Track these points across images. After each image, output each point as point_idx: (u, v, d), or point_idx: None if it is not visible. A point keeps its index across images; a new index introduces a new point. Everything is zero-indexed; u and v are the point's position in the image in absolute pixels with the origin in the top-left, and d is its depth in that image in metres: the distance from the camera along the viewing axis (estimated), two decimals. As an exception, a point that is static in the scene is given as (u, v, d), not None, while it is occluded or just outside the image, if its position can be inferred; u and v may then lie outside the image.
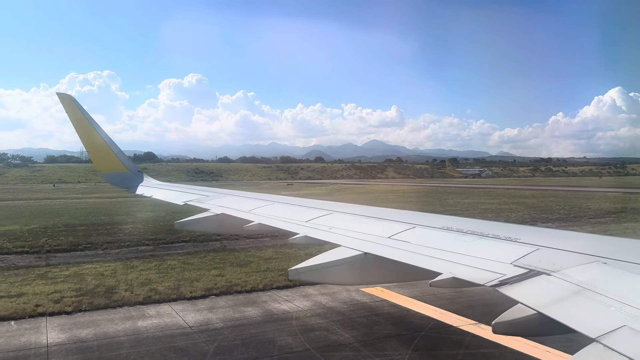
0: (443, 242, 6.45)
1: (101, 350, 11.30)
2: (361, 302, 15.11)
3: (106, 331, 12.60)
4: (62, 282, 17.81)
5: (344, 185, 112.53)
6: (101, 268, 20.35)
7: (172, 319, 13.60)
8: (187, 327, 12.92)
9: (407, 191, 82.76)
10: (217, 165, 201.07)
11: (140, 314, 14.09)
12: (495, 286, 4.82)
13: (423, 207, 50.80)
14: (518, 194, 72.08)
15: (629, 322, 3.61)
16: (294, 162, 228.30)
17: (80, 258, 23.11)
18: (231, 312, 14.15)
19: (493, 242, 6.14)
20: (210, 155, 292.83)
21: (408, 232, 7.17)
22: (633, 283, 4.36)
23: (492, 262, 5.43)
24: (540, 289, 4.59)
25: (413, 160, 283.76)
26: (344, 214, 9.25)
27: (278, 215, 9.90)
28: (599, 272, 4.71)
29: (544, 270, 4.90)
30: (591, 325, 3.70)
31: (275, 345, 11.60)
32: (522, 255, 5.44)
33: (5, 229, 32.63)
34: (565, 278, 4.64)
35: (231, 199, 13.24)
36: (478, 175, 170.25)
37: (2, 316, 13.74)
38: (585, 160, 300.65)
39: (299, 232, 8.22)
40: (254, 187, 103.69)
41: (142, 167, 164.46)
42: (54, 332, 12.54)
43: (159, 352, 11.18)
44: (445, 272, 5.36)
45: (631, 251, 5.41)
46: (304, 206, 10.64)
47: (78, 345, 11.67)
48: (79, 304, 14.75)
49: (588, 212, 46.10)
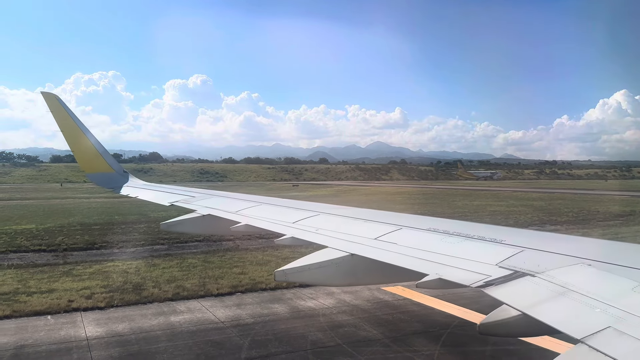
0: (429, 244, 6.52)
1: (140, 344, 11.72)
2: (384, 301, 15.47)
3: (141, 326, 13.02)
4: (88, 279, 18.24)
5: (350, 186, 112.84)
6: (123, 266, 20.76)
7: (202, 314, 14.01)
8: (219, 322, 13.32)
9: (414, 193, 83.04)
10: (222, 166, 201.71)
11: (171, 309, 14.49)
12: (480, 287, 4.89)
13: (431, 209, 51.09)
14: (525, 196, 72.30)
15: (614, 323, 3.66)
16: (298, 164, 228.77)
17: (98, 257, 23.51)
18: (259, 309, 14.54)
19: (478, 244, 6.22)
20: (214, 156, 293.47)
21: (394, 233, 7.24)
22: (617, 285, 4.40)
23: (477, 264, 5.48)
24: (525, 290, 4.63)
25: (417, 162, 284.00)
26: (331, 215, 9.34)
27: (265, 217, 9.90)
28: (584, 274, 4.75)
29: (529, 272, 4.95)
30: (576, 326, 3.74)
31: (307, 340, 11.98)
32: (507, 256, 5.51)
33: (22, 227, 33.14)
34: (550, 279, 4.68)
35: (218, 200, 13.18)
36: (490, 177, 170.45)
37: (38, 311, 14.18)
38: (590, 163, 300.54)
39: (286, 233, 8.23)
40: (260, 188, 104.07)
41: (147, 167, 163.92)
42: (91, 326, 12.96)
43: (196, 346, 11.59)
44: (432, 273, 5.42)
45: (615, 253, 5.47)
46: (290, 207, 10.68)
47: (116, 338, 12.09)
48: (110, 300, 15.16)
49: (597, 215, 46.29)
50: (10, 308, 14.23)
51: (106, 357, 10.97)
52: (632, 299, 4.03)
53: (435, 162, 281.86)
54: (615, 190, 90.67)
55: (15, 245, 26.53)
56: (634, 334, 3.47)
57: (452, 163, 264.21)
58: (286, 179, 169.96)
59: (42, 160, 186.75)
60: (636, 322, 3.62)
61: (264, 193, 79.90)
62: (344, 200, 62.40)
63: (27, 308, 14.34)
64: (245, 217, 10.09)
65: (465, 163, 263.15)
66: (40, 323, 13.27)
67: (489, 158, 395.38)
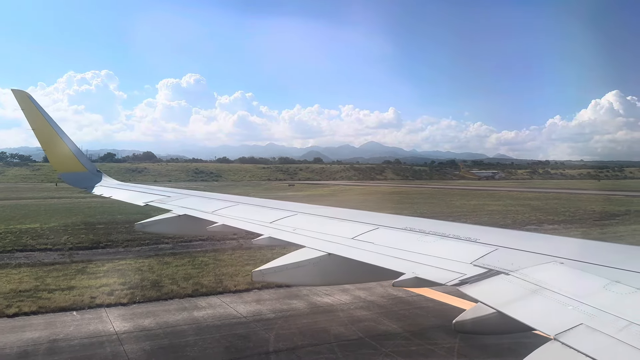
0: (406, 243, 6.58)
1: (169, 338, 12.10)
2: (399, 297, 15.93)
3: (166, 320, 13.40)
4: (104, 276, 18.56)
5: (346, 186, 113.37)
6: (136, 264, 21.07)
7: (224, 309, 14.40)
8: (242, 317, 13.73)
9: (411, 192, 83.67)
10: (216, 166, 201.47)
11: (193, 305, 14.87)
12: (456, 285, 4.96)
13: (430, 208, 51.68)
14: (521, 196, 73.11)
15: (586, 320, 3.74)
16: (292, 163, 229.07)
17: (105, 255, 23.76)
18: (278, 304, 14.94)
19: (454, 243, 6.31)
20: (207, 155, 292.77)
21: (371, 232, 7.30)
22: (589, 282, 4.50)
23: (453, 262, 5.56)
24: (499, 288, 4.70)
25: (411, 162, 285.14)
26: (308, 214, 9.34)
27: (242, 216, 9.84)
28: (556, 272, 4.85)
29: (503, 270, 5.03)
30: (549, 323, 3.80)
31: (329, 333, 12.41)
32: (482, 255, 5.59)
33: (27, 226, 33.31)
34: (524, 277, 4.76)
35: (194, 199, 13.09)
36: (492, 177, 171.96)
37: (63, 307, 14.52)
38: (583, 163, 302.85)
39: (263, 233, 8.24)
40: (256, 187, 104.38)
41: (141, 167, 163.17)
42: (118, 322, 13.32)
43: (223, 339, 11.99)
44: (408, 272, 5.49)
45: (587, 252, 5.56)
46: (268, 207, 10.67)
47: (145, 333, 12.46)
48: (132, 296, 15.52)
49: (593, 214, 47.01)
50: (36, 304, 14.56)
51: (138, 350, 11.35)
52: (603, 296, 4.14)
53: (429, 162, 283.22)
54: (608, 190, 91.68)
55: (21, 244, 26.72)
56: (606, 330, 3.57)
57: (446, 163, 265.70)
58: (281, 179, 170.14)
59: (35, 160, 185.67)
60: (608, 319, 3.72)
61: (260, 193, 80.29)
62: (341, 200, 62.84)
63: (51, 304, 14.67)
64: (222, 217, 10.04)
65: (459, 163, 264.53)
66: (67, 319, 13.61)
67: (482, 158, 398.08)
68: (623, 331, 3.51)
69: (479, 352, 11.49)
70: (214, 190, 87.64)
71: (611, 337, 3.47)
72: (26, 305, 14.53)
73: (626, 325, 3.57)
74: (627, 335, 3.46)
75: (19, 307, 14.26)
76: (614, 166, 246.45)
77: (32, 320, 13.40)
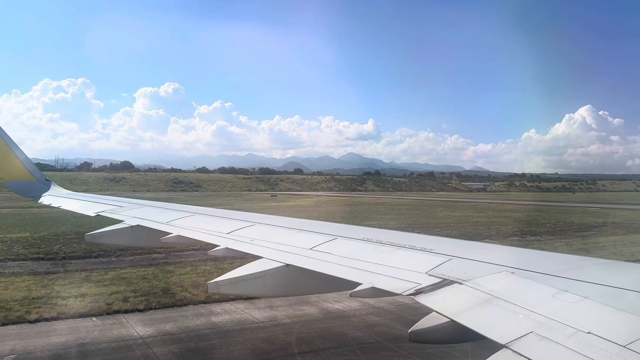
0: (363, 253, 6.63)
1: (194, 341, 12.55)
2: (405, 304, 16.55)
3: (187, 325, 13.83)
4: (111, 284, 18.81)
5: (329, 197, 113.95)
6: (139, 272, 21.32)
7: (240, 315, 14.87)
8: (259, 322, 14.23)
9: (394, 204, 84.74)
10: (196, 176, 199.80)
11: (208, 311, 15.30)
12: (411, 295, 5.00)
13: (416, 220, 52.62)
14: (502, 207, 74.83)
15: (536, 328, 3.83)
16: (273, 174, 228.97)
17: (100, 264, 23.82)
18: (291, 310, 15.47)
19: (410, 253, 6.39)
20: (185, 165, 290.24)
21: (329, 243, 7.32)
22: (539, 291, 4.59)
23: (408, 272, 5.63)
24: (453, 297, 4.77)
25: (390, 173, 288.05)
26: (266, 225, 9.30)
27: (198, 227, 9.71)
28: (508, 281, 4.95)
29: (457, 280, 5.11)
30: (501, 332, 3.87)
31: (348, 337, 13.02)
32: (437, 265, 5.67)
33: (17, 235, 33.09)
34: (476, 287, 4.84)
35: (148, 210, 12.77)
36: (483, 189, 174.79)
37: (82, 313, 14.84)
38: (558, 176, 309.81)
39: (219, 244, 8.11)
40: (237, 198, 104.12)
41: (119, 176, 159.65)
42: (139, 326, 13.69)
43: (247, 342, 12.50)
44: (365, 282, 5.54)
45: (536, 262, 5.68)
46: (225, 217, 10.55)
47: (168, 337, 12.89)
48: (147, 303, 15.86)
49: (572, 225, 48.52)
50: (55, 311, 14.83)
51: (167, 352, 11.78)
52: (552, 305, 4.25)
53: (408, 173, 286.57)
54: (584, 202, 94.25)
55: (13, 254, 26.66)
56: (555, 338, 3.67)
57: (425, 175, 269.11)
58: (262, 189, 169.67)
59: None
60: (556, 327, 3.83)
61: (243, 203, 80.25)
62: (327, 211, 63.45)
63: (69, 310, 14.96)
64: (177, 227, 9.83)
65: (437, 175, 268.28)
66: (89, 324, 13.93)
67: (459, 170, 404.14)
68: (571, 339, 3.64)
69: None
70: (195, 200, 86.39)
71: (560, 344, 3.59)
72: (44, 311, 14.77)
73: (574, 333, 3.70)
74: (574, 342, 3.60)
75: (38, 314, 14.50)
76: (587, 179, 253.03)
77: (54, 326, 13.69)
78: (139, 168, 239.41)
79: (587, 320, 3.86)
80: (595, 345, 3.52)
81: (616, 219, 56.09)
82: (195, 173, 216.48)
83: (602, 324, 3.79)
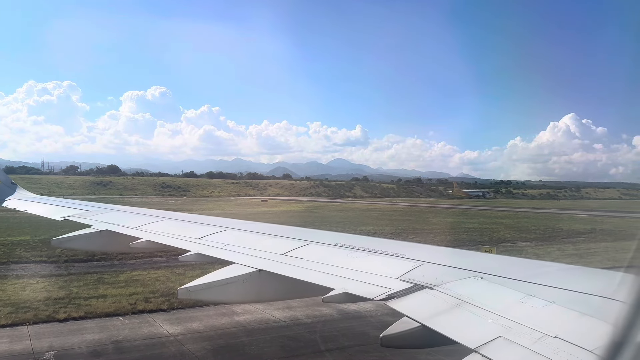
0: (336, 259, 6.65)
1: (223, 338, 13.10)
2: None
3: (213, 324, 14.37)
4: (127, 286, 19.23)
5: (320, 203, 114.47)
6: (150, 275, 21.75)
7: (262, 315, 15.44)
8: (282, 321, 14.83)
9: (386, 210, 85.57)
10: (184, 180, 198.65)
11: (230, 311, 15.82)
12: (383, 300, 5.08)
13: (410, 225, 53.36)
14: (492, 214, 76.01)
15: (504, 333, 3.92)
16: (261, 179, 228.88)
17: (104, 268, 24.08)
18: (309, 311, 16.07)
19: (382, 258, 6.46)
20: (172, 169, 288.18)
21: (303, 248, 7.31)
22: (507, 296, 4.67)
23: (381, 277, 5.68)
24: (423, 302, 4.84)
25: (377, 179, 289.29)
26: (239, 230, 9.24)
27: (169, 232, 9.61)
28: (477, 287, 5.03)
29: (428, 285, 5.16)
30: (470, 336, 3.96)
31: (369, 336, 13.63)
32: (408, 270, 5.72)
33: (18, 239, 33.16)
34: (447, 292, 4.90)
35: (117, 214, 12.76)
36: (483, 196, 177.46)
37: (108, 312, 15.28)
38: (542, 183, 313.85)
39: (190, 249, 8.07)
40: (228, 203, 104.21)
41: (106, 180, 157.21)
42: (167, 325, 14.20)
43: (275, 340, 13.10)
44: (338, 287, 5.58)
45: (505, 267, 5.74)
46: (197, 222, 10.45)
47: (198, 334, 13.42)
48: (169, 303, 16.32)
49: (561, 232, 49.60)
50: (82, 310, 15.27)
51: (201, 349, 12.32)
52: (520, 309, 4.34)
53: (396, 179, 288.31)
54: (569, 209, 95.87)
55: (16, 257, 26.83)
56: (522, 342, 3.77)
57: (412, 181, 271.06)
58: (251, 194, 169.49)
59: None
60: (524, 331, 3.92)
61: (234, 208, 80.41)
62: (321, 217, 63.81)
63: (95, 310, 15.41)
64: (147, 232, 9.73)
65: (425, 182, 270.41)
66: (117, 323, 14.40)
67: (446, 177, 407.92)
68: (538, 343, 3.73)
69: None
70: (185, 205, 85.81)
71: (527, 348, 3.68)
72: (70, 311, 15.18)
73: (541, 337, 3.80)
74: (541, 346, 3.68)
75: (66, 313, 14.92)
76: (571, 186, 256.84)
77: (84, 325, 14.15)
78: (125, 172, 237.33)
79: (554, 325, 3.96)
80: (562, 349, 3.61)
81: (604, 226, 57.41)
82: (183, 177, 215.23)
83: (569, 329, 3.89)
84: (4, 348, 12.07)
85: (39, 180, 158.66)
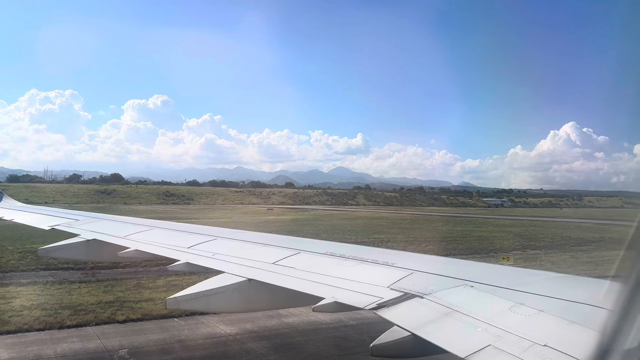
0: (326, 267, 6.69)
1: (279, 338, 13.91)
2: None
3: (265, 325, 15.17)
4: (168, 290, 19.93)
5: (325, 211, 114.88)
6: (185, 280, 22.30)
7: (307, 317, 16.22)
8: (328, 323, 15.65)
9: (394, 218, 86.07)
10: (188, 189, 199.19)
11: (276, 313, 16.59)
12: (373, 309, 5.14)
13: (423, 233, 54.02)
14: (499, 223, 76.64)
15: (494, 341, 3.95)
16: (264, 187, 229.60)
17: (129, 275, 24.70)
18: (352, 314, 16.72)
19: (372, 267, 6.51)
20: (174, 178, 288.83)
21: (293, 257, 7.33)
22: (496, 305, 4.71)
23: (371, 286, 5.73)
24: (414, 311, 4.86)
25: (379, 187, 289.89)
26: (229, 239, 9.26)
27: (158, 241, 9.58)
28: (467, 295, 5.06)
29: (418, 293, 5.18)
30: (460, 345, 3.99)
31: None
32: (398, 279, 5.77)
33: (40, 246, 33.72)
34: (437, 300, 4.92)
35: (105, 223, 12.75)
36: (501, 205, 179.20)
37: (162, 314, 16.04)
38: (543, 192, 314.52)
39: (180, 258, 8.05)
40: (233, 211, 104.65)
41: (110, 189, 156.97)
42: (223, 326, 15.00)
43: (327, 339, 13.94)
44: (328, 296, 5.60)
45: (494, 276, 5.78)
46: (186, 232, 10.49)
47: (254, 334, 14.23)
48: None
49: (569, 240, 50.15)
50: (137, 313, 16.07)
51: (262, 347, 13.14)
52: (509, 318, 4.38)
53: (398, 188, 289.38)
54: (574, 218, 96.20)
55: (43, 264, 27.43)
56: (511, 351, 3.79)
57: (414, 189, 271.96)
58: (254, 202, 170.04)
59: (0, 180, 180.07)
60: (514, 339, 3.95)
61: (241, 217, 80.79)
62: (330, 225, 64.37)
63: (149, 313, 16.19)
64: (135, 242, 9.72)
65: (427, 190, 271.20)
66: (173, 324, 15.21)
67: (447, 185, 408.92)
68: (528, 351, 3.76)
69: None
70: (192, 214, 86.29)
71: (516, 357, 3.71)
72: (127, 313, 15.99)
73: (530, 346, 3.83)
74: (530, 355, 3.70)
75: (124, 315, 15.72)
76: (572, 195, 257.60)
77: (144, 325, 14.97)
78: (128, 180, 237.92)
79: (543, 333, 4.01)
80: (552, 357, 3.65)
81: (613, 235, 57.91)
82: (186, 186, 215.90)
83: (558, 337, 3.94)
84: (78, 346, 12.87)
85: (43, 188, 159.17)
